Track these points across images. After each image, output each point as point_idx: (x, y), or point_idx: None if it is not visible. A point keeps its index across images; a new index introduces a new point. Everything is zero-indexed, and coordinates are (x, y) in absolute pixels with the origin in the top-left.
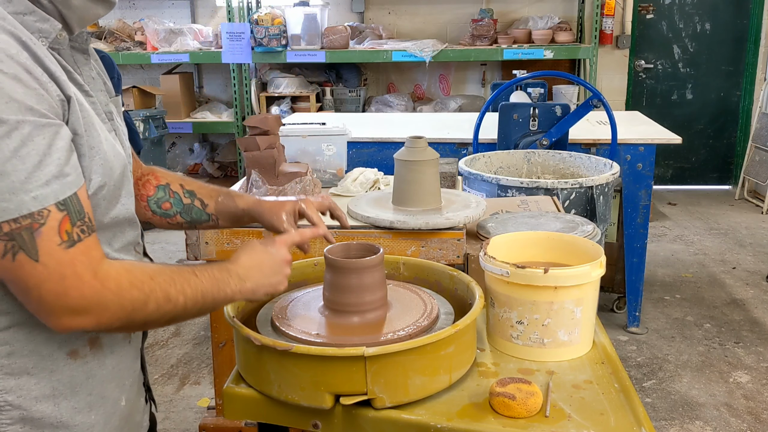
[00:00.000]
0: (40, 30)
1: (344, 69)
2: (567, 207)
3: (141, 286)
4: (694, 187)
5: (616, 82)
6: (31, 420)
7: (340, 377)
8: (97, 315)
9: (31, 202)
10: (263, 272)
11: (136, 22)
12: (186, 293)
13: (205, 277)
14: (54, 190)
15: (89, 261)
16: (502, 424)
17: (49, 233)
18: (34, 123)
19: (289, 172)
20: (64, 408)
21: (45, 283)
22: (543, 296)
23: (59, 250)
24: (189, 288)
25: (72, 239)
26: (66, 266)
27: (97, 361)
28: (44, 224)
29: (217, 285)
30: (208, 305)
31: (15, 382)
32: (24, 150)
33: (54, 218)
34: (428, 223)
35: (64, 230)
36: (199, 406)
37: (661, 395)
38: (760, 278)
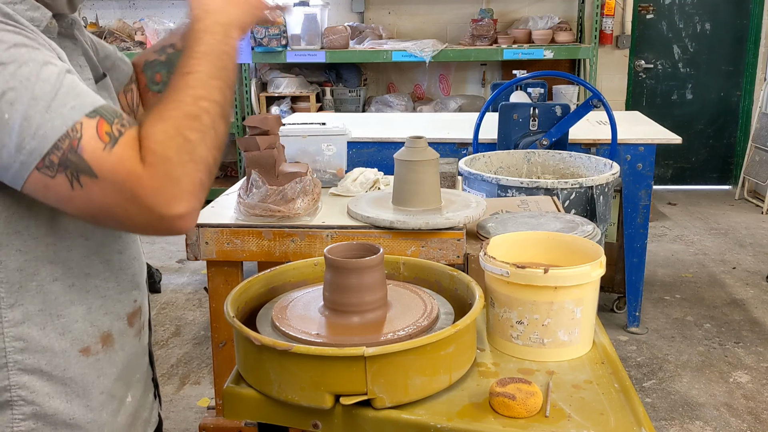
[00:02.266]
0: (32, 18)
1: (344, 69)
2: (567, 207)
3: (167, 135)
4: (694, 187)
5: (616, 82)
6: (44, 416)
7: (340, 377)
8: (179, 189)
9: (70, 114)
10: (237, 4)
11: (136, 22)
12: (201, 95)
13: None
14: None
15: (134, 153)
16: (502, 424)
17: (90, 143)
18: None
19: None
20: (77, 406)
21: (115, 196)
22: (543, 296)
23: (105, 156)
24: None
25: (113, 137)
26: (119, 169)
27: (108, 358)
28: (81, 137)
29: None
30: (227, 77)
31: (28, 378)
32: (44, 72)
33: (89, 126)
34: (428, 223)
35: (103, 132)
36: (199, 406)
37: (661, 395)
38: (760, 278)
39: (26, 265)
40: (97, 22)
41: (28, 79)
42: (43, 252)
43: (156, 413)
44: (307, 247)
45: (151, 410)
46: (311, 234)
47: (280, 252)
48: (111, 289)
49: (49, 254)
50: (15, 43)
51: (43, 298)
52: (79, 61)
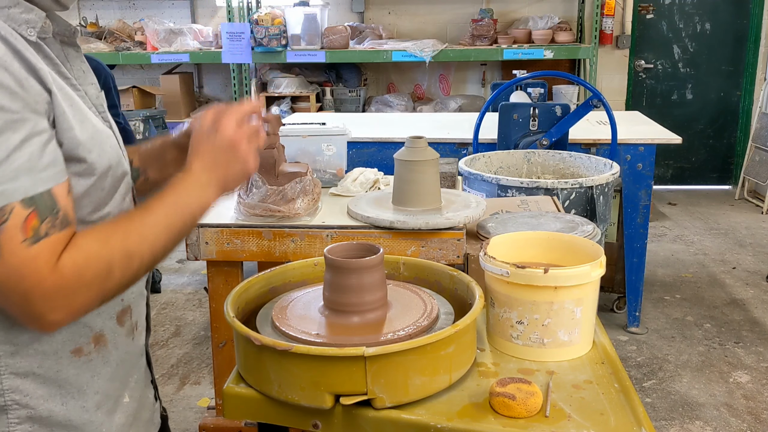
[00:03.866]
0: (27, 21)
1: (344, 69)
2: (567, 207)
3: (97, 259)
4: (694, 187)
5: (616, 82)
6: (40, 419)
7: (340, 377)
8: (67, 305)
9: (7, 194)
10: (222, 166)
11: (136, 22)
12: (147, 238)
13: (161, 210)
14: (23, 185)
15: (52, 256)
16: (502, 424)
17: (12, 230)
18: (4, 119)
19: (289, 172)
20: (72, 407)
21: (8, 282)
22: (543, 296)
23: (22, 248)
24: (148, 230)
25: (38, 235)
26: (27, 265)
27: (101, 358)
28: (6, 221)
29: (181, 210)
30: (179, 232)
31: (21, 382)
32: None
33: (18, 215)
34: (428, 223)
35: (30, 227)
36: (199, 406)
37: (661, 395)
38: (760, 278)
39: None
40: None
41: None
42: None
43: (158, 415)
44: (307, 247)
45: (152, 412)
46: (311, 234)
47: (280, 252)
48: None
49: None
50: None
51: None
52: (82, 67)
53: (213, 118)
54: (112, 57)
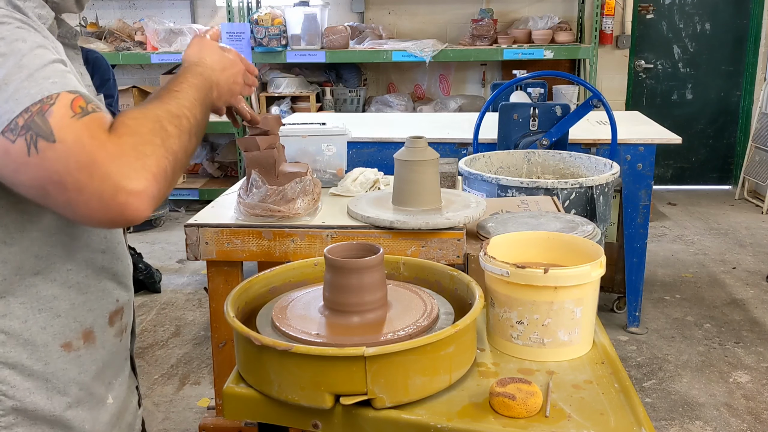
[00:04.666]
0: (39, 16)
1: (344, 69)
2: (567, 207)
3: (145, 117)
4: (694, 187)
5: (616, 82)
6: (25, 411)
7: (340, 377)
8: (141, 166)
9: (50, 86)
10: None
11: (136, 22)
12: (185, 105)
13: (186, 88)
14: (71, 82)
15: (103, 123)
16: (502, 424)
17: (60, 110)
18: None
19: (289, 172)
20: (57, 402)
21: (70, 159)
22: (543, 296)
23: (72, 122)
24: (182, 102)
25: (86, 111)
26: (82, 133)
27: (89, 355)
28: (54, 104)
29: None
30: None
31: (9, 372)
32: (39, 50)
33: (65, 97)
34: (428, 223)
35: (77, 105)
36: (199, 406)
37: (661, 395)
38: (760, 278)
39: (9, 258)
40: (97, 22)
41: (20, 50)
42: (27, 246)
43: (139, 421)
44: (307, 247)
45: (134, 417)
46: (311, 234)
47: (280, 252)
48: (93, 286)
49: (33, 248)
50: (19, 26)
51: (24, 291)
52: (80, 69)
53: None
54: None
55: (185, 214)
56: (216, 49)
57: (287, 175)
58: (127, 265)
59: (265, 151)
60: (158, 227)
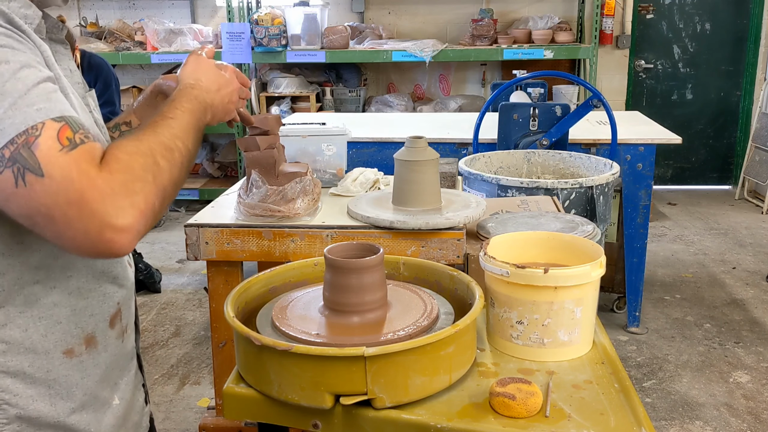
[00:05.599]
0: (26, 16)
1: (344, 69)
2: (567, 207)
3: (138, 151)
4: (694, 187)
5: (616, 82)
6: (28, 419)
7: (340, 377)
8: (130, 202)
9: (35, 114)
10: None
11: (136, 22)
12: (178, 135)
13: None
14: (56, 106)
15: (93, 157)
16: (502, 424)
17: (46, 142)
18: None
19: (289, 172)
20: (61, 408)
21: (58, 196)
22: (543, 296)
23: (60, 156)
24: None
25: (74, 143)
26: (72, 169)
27: (92, 360)
28: (39, 135)
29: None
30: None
31: (11, 381)
32: (22, 73)
33: (51, 128)
34: (428, 223)
35: (64, 136)
36: (199, 406)
37: (661, 395)
38: (760, 278)
39: (8, 269)
40: (97, 22)
41: (2, 75)
42: (26, 257)
43: (147, 419)
44: (307, 247)
45: (141, 415)
46: (311, 234)
47: (280, 252)
48: (93, 291)
49: (32, 259)
50: (2, 44)
51: (24, 300)
52: (69, 66)
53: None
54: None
55: (185, 214)
56: (212, 68)
57: (287, 175)
58: (126, 266)
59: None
60: (158, 227)
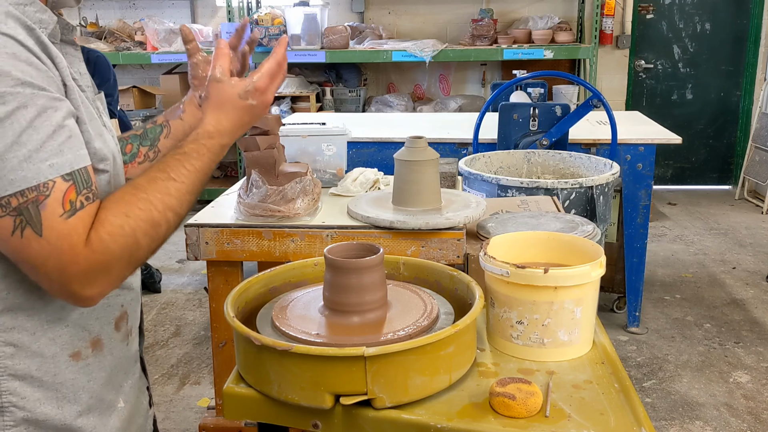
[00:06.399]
0: (40, 20)
1: (344, 69)
2: (567, 207)
3: (122, 231)
4: (694, 187)
5: (616, 82)
6: (35, 422)
7: (340, 377)
8: (102, 280)
9: (47, 170)
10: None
11: (136, 22)
12: (172, 206)
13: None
14: (68, 160)
15: (85, 230)
16: (502, 424)
17: (53, 205)
18: (48, 97)
19: (289, 172)
20: (67, 411)
21: (48, 260)
22: (543, 296)
23: (60, 222)
24: (172, 198)
25: (74, 208)
26: (64, 240)
27: (98, 363)
28: (49, 196)
29: (203, 173)
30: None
31: (18, 384)
32: (39, 120)
33: (59, 189)
34: (428, 223)
35: (68, 200)
36: (199, 406)
37: (661, 395)
38: (760, 278)
39: (15, 271)
40: (97, 22)
41: (20, 123)
42: None
43: (150, 421)
44: (307, 247)
45: (146, 418)
46: (311, 234)
47: (280, 252)
48: None
49: None
50: (23, 81)
51: (32, 304)
52: (80, 68)
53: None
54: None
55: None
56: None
57: (287, 175)
58: None
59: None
60: None
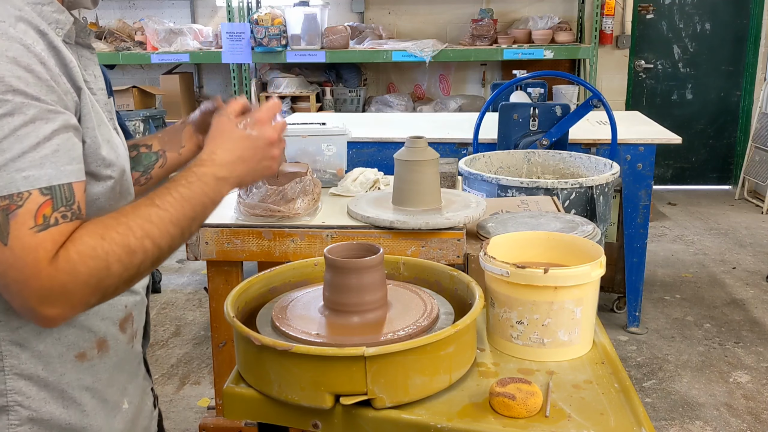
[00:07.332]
0: (57, 21)
1: (344, 69)
2: (567, 207)
3: (93, 253)
4: (694, 187)
5: (616, 82)
6: (40, 421)
7: (340, 377)
8: (64, 302)
9: (21, 182)
10: (248, 162)
11: (136, 22)
12: (152, 234)
13: (171, 202)
14: (46, 174)
15: (53, 247)
16: (502, 424)
17: (24, 216)
18: (40, 108)
19: (289, 172)
20: (72, 411)
21: (9, 270)
22: (543, 296)
23: (28, 235)
24: (153, 226)
25: (47, 223)
26: (29, 253)
27: (102, 363)
28: (21, 206)
29: (190, 203)
30: (188, 227)
31: (24, 383)
32: (24, 130)
33: (34, 201)
34: (428, 223)
35: (41, 214)
36: (199, 406)
37: (661, 395)
38: (760, 278)
39: None
40: (97, 22)
41: (2, 130)
42: None
43: (155, 423)
44: (307, 247)
45: (150, 420)
46: (311, 234)
47: (280, 252)
48: None
49: None
50: (15, 89)
51: None
52: (94, 71)
53: (243, 109)
54: (112, 57)
55: None
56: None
57: (287, 175)
58: None
59: None
60: None
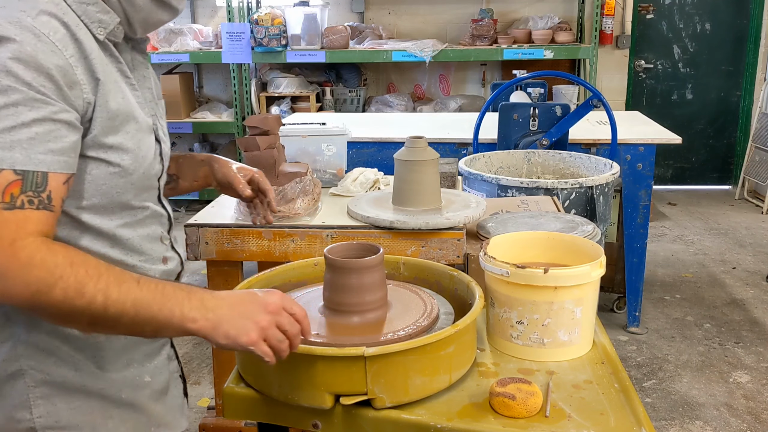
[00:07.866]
0: (100, 21)
1: (344, 69)
2: (567, 207)
3: (52, 268)
4: (694, 187)
5: (616, 82)
6: (54, 383)
7: (340, 377)
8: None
9: None
10: (234, 310)
11: None
12: (110, 295)
13: (149, 288)
14: (14, 157)
15: (17, 229)
16: (502, 424)
17: None
18: (27, 95)
19: (289, 172)
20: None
21: None
22: (543, 296)
23: None
24: (117, 290)
25: (13, 203)
26: None
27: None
28: None
29: (162, 301)
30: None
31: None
32: (4, 112)
33: (4, 178)
34: (428, 223)
35: (9, 192)
36: (199, 406)
37: (661, 395)
38: (760, 278)
39: None
40: None
41: None
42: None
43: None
44: (307, 247)
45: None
46: (311, 234)
47: (280, 252)
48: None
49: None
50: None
51: None
52: (144, 73)
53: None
54: None
55: (185, 214)
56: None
57: (287, 175)
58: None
59: (265, 151)
60: None
